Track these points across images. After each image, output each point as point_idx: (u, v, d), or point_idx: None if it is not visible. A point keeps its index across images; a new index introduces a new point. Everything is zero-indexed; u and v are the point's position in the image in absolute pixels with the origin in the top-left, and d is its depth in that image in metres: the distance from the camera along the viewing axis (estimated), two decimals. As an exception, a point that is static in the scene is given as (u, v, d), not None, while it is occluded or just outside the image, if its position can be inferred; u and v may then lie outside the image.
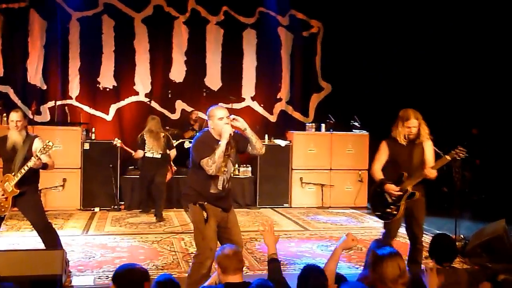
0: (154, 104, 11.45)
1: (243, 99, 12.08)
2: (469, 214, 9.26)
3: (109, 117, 11.37)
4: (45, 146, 5.18)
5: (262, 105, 12.25)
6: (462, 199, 7.32)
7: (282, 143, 10.37)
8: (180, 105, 11.78)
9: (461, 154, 5.17)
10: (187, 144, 10.34)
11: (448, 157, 5.16)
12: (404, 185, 5.26)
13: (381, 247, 3.36)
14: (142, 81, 11.54)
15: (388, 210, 5.36)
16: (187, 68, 11.77)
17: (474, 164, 9.95)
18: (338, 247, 3.80)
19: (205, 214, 4.50)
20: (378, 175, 5.40)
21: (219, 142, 4.46)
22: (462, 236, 7.05)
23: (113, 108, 11.40)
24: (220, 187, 4.57)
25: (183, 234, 7.59)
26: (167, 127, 10.51)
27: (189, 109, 11.70)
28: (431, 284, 3.60)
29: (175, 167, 9.43)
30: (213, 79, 11.95)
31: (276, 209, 10.02)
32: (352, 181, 10.57)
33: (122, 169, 9.76)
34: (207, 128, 4.66)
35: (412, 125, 5.25)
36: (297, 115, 12.47)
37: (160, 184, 8.74)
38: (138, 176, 9.45)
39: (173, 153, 9.02)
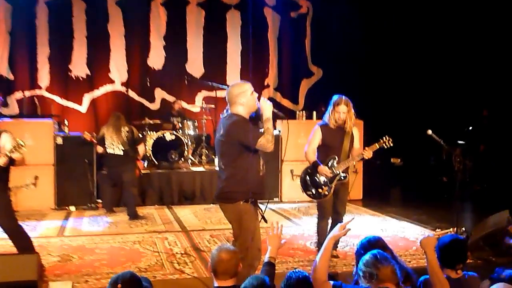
0: (131, 93, 11.43)
1: (228, 86, 12.07)
2: (470, 205, 9.38)
3: (83, 109, 11.32)
4: (15, 146, 5.08)
5: (248, 92, 12.25)
6: (463, 189, 7.41)
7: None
8: (159, 93, 11.77)
9: (387, 143, 6.06)
10: (168, 136, 10.34)
11: (377, 145, 6.07)
12: (336, 168, 6.06)
13: (373, 251, 3.38)
14: (118, 69, 11.50)
15: (320, 190, 6.13)
16: (166, 54, 11.75)
17: (478, 150, 10.07)
18: (329, 239, 3.83)
19: (260, 212, 4.62)
20: (312, 157, 6.13)
21: (264, 118, 4.58)
22: (463, 229, 7.14)
23: (87, 99, 11.35)
24: (262, 167, 4.67)
25: (166, 233, 7.60)
26: (146, 118, 10.50)
27: (169, 98, 11.69)
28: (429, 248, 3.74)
29: (143, 163, 9.43)
30: (195, 65, 11.94)
31: (265, 203, 10.02)
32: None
33: (98, 164, 9.73)
34: (229, 112, 4.59)
35: (341, 110, 6.02)
36: (286, 103, 12.52)
37: (127, 182, 8.71)
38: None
39: (141, 148, 8.94)
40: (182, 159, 10.42)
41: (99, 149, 8.92)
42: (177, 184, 9.93)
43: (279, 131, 10.34)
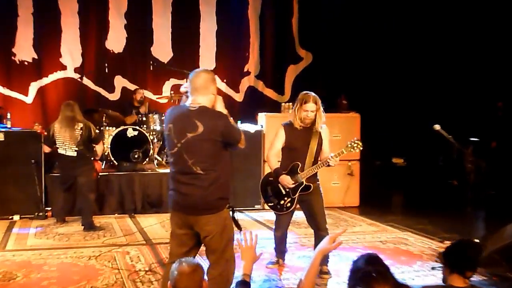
0: (86, 81, 11.39)
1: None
2: (484, 213, 9.47)
3: (28, 99, 11.25)
4: None
5: (225, 80, 12.30)
6: (476, 194, 7.49)
7: (251, 128, 10.40)
8: (120, 82, 11.74)
9: (357, 147, 6.11)
10: (130, 132, 10.32)
11: (344, 150, 6.06)
12: (299, 176, 6.12)
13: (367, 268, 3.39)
14: (71, 52, 11.44)
15: (282, 202, 6.25)
16: (128, 35, 11.72)
17: (489, 147, 10.18)
18: (316, 253, 3.84)
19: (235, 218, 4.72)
20: (273, 163, 6.26)
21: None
22: (476, 240, 7.20)
23: (33, 88, 11.28)
24: None
25: (128, 247, 7.59)
26: (104, 110, 10.45)
27: (131, 86, 11.66)
28: None
29: (101, 164, 9.42)
30: (162, 48, 11.92)
31: (245, 212, 10.11)
32: (340, 174, 10.68)
33: (48, 165, 9.68)
34: (200, 104, 4.56)
35: (309, 108, 6.07)
36: (269, 93, 12.56)
37: (82, 186, 8.68)
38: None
39: (99, 147, 8.93)
40: (147, 159, 10.40)
41: (46, 149, 8.89)
42: (140, 188, 9.91)
43: (262, 126, 10.37)
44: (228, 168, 4.68)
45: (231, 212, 4.70)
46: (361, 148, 6.17)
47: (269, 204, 6.39)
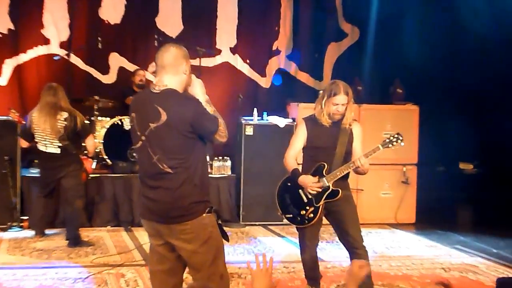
0: (74, 59, 11.42)
1: (219, 52, 12.10)
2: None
3: (2, 80, 11.33)
4: None
5: (248, 61, 12.29)
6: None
7: (280, 122, 10.39)
8: (117, 60, 11.77)
9: (395, 143, 6.12)
10: (128, 124, 10.31)
11: (380, 147, 6.09)
12: (324, 180, 6.10)
13: None
14: (56, 22, 11.50)
15: (303, 212, 6.21)
16: (127, 2, 11.75)
17: None
18: (347, 285, 3.83)
19: (219, 222, 4.74)
20: (291, 164, 6.26)
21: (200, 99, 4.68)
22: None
23: (8, 66, 11.35)
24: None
25: (123, 268, 7.62)
26: (96, 97, 10.48)
27: (130, 67, 11.70)
28: None
29: (94, 163, 9.46)
30: (170, 20, 11.93)
31: (269, 226, 10.13)
32: (392, 182, 10.65)
33: (24, 163, 9.74)
34: (165, 85, 4.57)
35: (339, 101, 6.07)
36: (304, 77, 12.53)
37: (68, 192, 8.66)
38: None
39: (89, 142, 8.86)
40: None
41: (23, 143, 8.91)
42: (140, 195, 9.93)
43: (293, 120, 10.35)
44: (204, 165, 4.70)
45: (216, 217, 4.72)
46: (402, 145, 6.15)
47: (287, 216, 6.38)
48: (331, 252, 8.54)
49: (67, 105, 8.68)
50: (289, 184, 6.35)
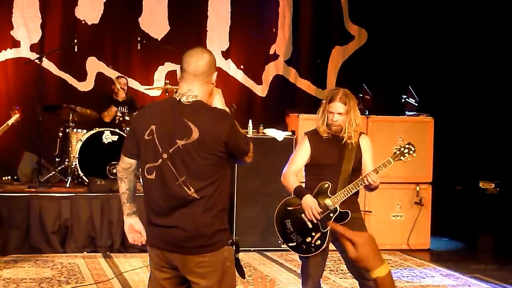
0: (47, 64, 11.41)
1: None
2: None
3: (-35, 87, 11.31)
4: None
5: (242, 66, 12.29)
6: None
7: (278, 135, 10.36)
8: (94, 66, 11.78)
9: (407, 155, 6.13)
10: (108, 137, 10.32)
11: (391, 160, 6.10)
12: (329, 201, 6.04)
13: None
14: (26, 23, 11.50)
15: (309, 239, 6.10)
16: (106, 0, 11.74)
17: None
18: None
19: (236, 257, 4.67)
20: (292, 182, 6.17)
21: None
22: None
23: (-28, 71, 11.34)
24: None
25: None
26: (71, 106, 10.46)
27: (110, 73, 11.69)
28: None
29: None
30: (154, 20, 11.95)
31: (266, 253, 10.08)
32: (404, 203, 10.63)
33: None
34: (194, 96, 4.52)
35: (335, 110, 6.03)
36: (305, 85, 12.55)
37: None
38: (15, 194, 9.59)
39: None
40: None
41: None
42: (120, 216, 9.88)
43: (293, 133, 10.34)
44: (228, 190, 4.67)
45: (234, 251, 4.66)
46: (415, 155, 6.14)
47: (290, 245, 6.25)
48: (335, 283, 8.51)
49: None
50: (289, 208, 6.24)
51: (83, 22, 11.73)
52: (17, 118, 8.97)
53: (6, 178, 9.95)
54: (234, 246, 4.62)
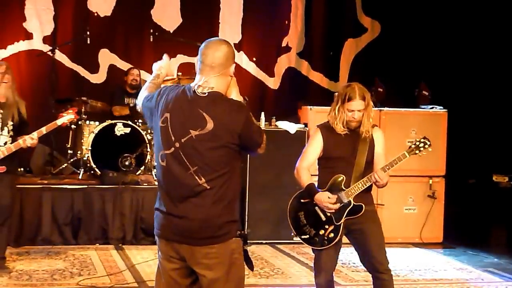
0: (59, 56, 11.45)
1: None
2: None
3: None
4: None
5: (254, 59, 12.30)
6: None
7: (290, 127, 10.37)
8: (107, 58, 11.81)
9: (422, 149, 6.09)
10: (120, 129, 10.33)
11: (406, 154, 6.08)
12: (343, 194, 6.06)
13: None
14: (39, 15, 11.54)
15: (322, 232, 6.12)
16: (119, -8, 11.80)
17: None
18: None
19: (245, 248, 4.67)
20: (305, 178, 6.18)
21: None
22: None
23: (-15, 63, 11.38)
24: None
25: (113, 291, 7.64)
26: (83, 98, 10.50)
27: (123, 65, 11.72)
28: None
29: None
30: (167, 12, 11.97)
31: (278, 245, 10.13)
32: (417, 196, 10.64)
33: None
34: (211, 87, 4.53)
35: (355, 107, 6.01)
36: (317, 77, 12.55)
37: None
38: (28, 186, 9.68)
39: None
40: (142, 167, 10.43)
41: None
42: (132, 208, 9.94)
43: (305, 125, 10.35)
44: (239, 181, 4.68)
45: (242, 243, 4.67)
46: (430, 150, 6.12)
47: (303, 237, 6.27)
48: (348, 276, 8.55)
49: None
50: (302, 201, 6.27)
51: (96, 14, 11.77)
52: (70, 119, 8.66)
53: (19, 170, 9.97)
54: (242, 238, 4.63)
